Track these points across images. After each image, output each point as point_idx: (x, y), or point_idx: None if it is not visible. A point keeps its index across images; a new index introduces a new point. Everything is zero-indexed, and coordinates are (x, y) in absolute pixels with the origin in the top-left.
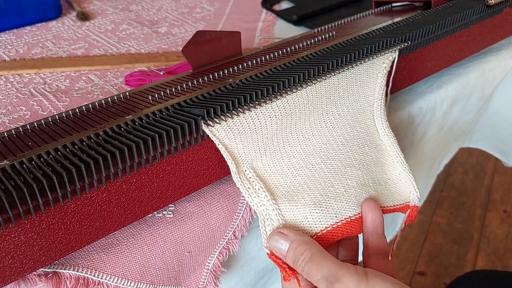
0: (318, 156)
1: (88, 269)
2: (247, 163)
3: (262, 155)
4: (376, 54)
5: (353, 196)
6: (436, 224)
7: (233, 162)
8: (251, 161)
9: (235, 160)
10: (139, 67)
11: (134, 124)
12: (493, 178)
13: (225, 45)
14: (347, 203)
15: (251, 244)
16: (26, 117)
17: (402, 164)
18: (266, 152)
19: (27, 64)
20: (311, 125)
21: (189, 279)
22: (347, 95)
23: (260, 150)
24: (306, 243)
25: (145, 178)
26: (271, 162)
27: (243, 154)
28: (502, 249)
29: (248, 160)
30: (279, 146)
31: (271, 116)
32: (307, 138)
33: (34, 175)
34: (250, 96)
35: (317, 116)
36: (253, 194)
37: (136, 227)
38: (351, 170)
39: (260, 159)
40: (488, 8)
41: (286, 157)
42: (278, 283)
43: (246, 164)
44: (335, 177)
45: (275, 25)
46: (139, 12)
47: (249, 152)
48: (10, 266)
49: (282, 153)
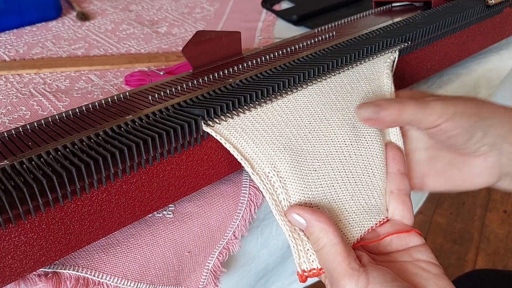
0: (339, 160)
1: (88, 269)
2: (269, 163)
3: (284, 155)
4: (376, 54)
5: (373, 207)
6: (436, 224)
7: (247, 161)
8: (274, 162)
9: (247, 159)
10: (139, 67)
11: (134, 124)
12: None
13: (225, 45)
14: (368, 215)
15: (251, 244)
16: (26, 117)
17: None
18: (288, 152)
19: (27, 64)
20: (331, 124)
21: (189, 279)
22: (356, 91)
23: (279, 149)
24: (321, 231)
25: (145, 178)
26: (295, 164)
27: (259, 153)
28: (502, 249)
29: (269, 160)
30: (300, 146)
31: (274, 115)
32: (328, 137)
33: (34, 175)
34: (250, 96)
35: (331, 113)
36: (276, 200)
37: (136, 227)
38: (370, 178)
39: (283, 160)
40: (488, 8)
41: (310, 159)
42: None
43: (268, 165)
44: (354, 188)
45: (275, 25)
46: (139, 12)
47: (267, 151)
48: (10, 266)
49: (305, 154)
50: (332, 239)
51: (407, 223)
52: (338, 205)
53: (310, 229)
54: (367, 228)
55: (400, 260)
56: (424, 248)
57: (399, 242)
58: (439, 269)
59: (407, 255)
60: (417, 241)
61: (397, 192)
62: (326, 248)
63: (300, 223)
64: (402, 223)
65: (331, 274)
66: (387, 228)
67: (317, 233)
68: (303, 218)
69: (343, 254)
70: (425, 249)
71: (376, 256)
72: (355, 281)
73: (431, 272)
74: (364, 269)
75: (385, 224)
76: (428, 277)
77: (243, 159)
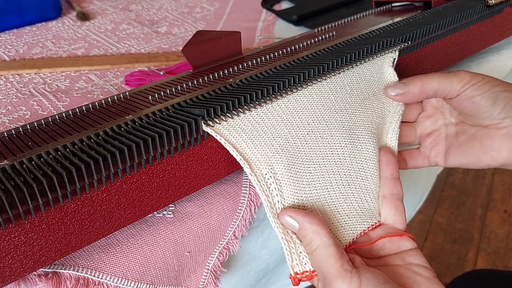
0: (334, 162)
1: (88, 269)
2: (267, 164)
3: (282, 156)
4: (376, 54)
5: (365, 210)
6: (437, 224)
7: (246, 162)
8: (272, 163)
9: (246, 159)
10: (139, 67)
11: (134, 124)
12: (494, 178)
13: (225, 45)
14: (361, 218)
15: (251, 244)
16: (26, 117)
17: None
18: (285, 154)
19: (27, 64)
20: (328, 126)
21: (189, 279)
22: (355, 93)
23: (277, 151)
24: (314, 233)
25: (145, 178)
26: (291, 166)
27: (258, 154)
28: (503, 249)
29: (267, 161)
30: (298, 148)
31: (274, 116)
32: (325, 139)
33: (34, 175)
34: (251, 96)
35: (330, 115)
36: (271, 202)
37: (136, 227)
38: (364, 182)
39: (280, 161)
40: (488, 8)
41: (306, 161)
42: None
43: (266, 166)
44: (348, 191)
45: (275, 25)
46: (139, 12)
47: (265, 152)
48: (10, 266)
49: (302, 156)
50: (325, 241)
51: (399, 228)
52: (331, 207)
53: (302, 232)
54: (360, 231)
55: (393, 263)
56: (416, 252)
57: (392, 246)
58: (431, 272)
59: (400, 259)
60: (409, 245)
61: (390, 197)
62: (319, 250)
63: (293, 225)
64: (394, 228)
65: (324, 276)
66: (379, 232)
67: (310, 235)
68: (295, 221)
69: (336, 256)
70: (417, 253)
71: (369, 260)
72: (347, 283)
73: (423, 276)
74: (357, 270)
75: (378, 228)
76: (421, 280)
77: (242, 160)
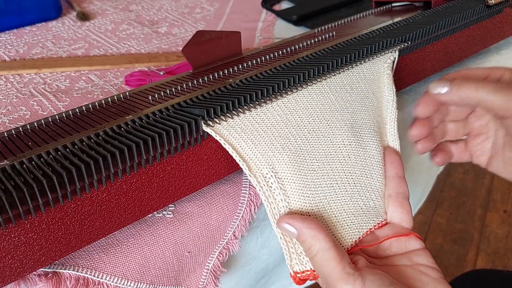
0: (338, 161)
1: (88, 269)
2: (267, 164)
3: (283, 155)
4: (376, 54)
5: (371, 208)
6: (436, 224)
7: (245, 163)
8: (272, 163)
9: (246, 160)
10: (139, 67)
11: (134, 124)
12: (493, 178)
13: (225, 45)
14: (366, 216)
15: (251, 244)
16: (26, 117)
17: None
18: (287, 152)
19: (27, 64)
20: (330, 124)
21: (189, 279)
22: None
23: (278, 150)
24: (312, 238)
25: (145, 178)
26: (294, 164)
27: (258, 154)
28: (502, 249)
29: (268, 161)
30: (299, 146)
31: (274, 116)
32: (327, 137)
33: (34, 175)
34: (250, 96)
35: (331, 114)
36: (272, 202)
37: (136, 227)
38: (368, 180)
39: (281, 160)
40: (488, 8)
41: (309, 160)
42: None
43: (266, 166)
44: (353, 189)
45: (275, 25)
46: (139, 12)
47: (265, 152)
48: (10, 266)
49: (304, 154)
50: (324, 245)
51: (406, 226)
52: (337, 205)
53: (301, 237)
54: (366, 230)
55: (399, 264)
56: (424, 252)
57: (399, 246)
58: (438, 273)
59: (407, 259)
60: (416, 245)
61: (396, 196)
62: (319, 254)
63: (292, 232)
64: (401, 227)
65: (326, 279)
66: (386, 231)
67: (309, 240)
68: (293, 227)
69: (337, 259)
70: (425, 253)
71: (375, 259)
72: (350, 285)
73: (430, 276)
74: (360, 273)
75: (384, 227)
76: (428, 281)
77: (241, 160)
